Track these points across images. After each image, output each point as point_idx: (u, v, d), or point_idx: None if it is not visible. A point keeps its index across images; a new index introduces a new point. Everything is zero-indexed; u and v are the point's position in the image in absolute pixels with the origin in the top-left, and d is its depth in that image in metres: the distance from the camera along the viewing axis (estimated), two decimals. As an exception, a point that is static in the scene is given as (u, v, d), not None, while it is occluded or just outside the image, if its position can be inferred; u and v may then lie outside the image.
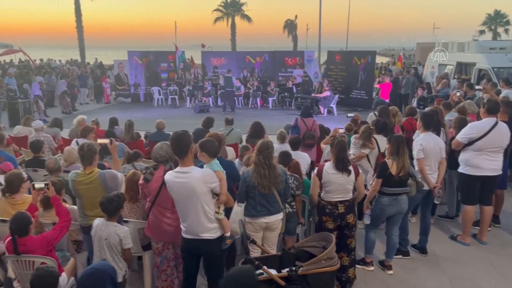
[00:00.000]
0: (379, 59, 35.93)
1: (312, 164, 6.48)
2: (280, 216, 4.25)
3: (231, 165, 4.67)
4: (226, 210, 3.83)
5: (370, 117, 7.36)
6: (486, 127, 5.30)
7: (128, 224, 4.25)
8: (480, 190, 5.50)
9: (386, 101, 12.42)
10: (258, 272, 3.22)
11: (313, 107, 15.34)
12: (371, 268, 5.01)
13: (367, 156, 5.71)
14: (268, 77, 19.24)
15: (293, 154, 5.15)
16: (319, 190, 4.56)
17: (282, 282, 3.28)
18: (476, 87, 9.89)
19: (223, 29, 44.08)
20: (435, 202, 5.37)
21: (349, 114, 8.10)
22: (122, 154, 6.38)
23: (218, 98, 17.87)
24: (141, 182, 4.06)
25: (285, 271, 3.42)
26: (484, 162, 5.34)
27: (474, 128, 5.40)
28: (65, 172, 5.12)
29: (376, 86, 16.18)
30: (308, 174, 5.94)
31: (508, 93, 8.78)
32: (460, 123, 5.78)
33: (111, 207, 3.85)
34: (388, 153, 4.80)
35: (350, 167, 4.43)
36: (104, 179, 4.14)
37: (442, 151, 5.23)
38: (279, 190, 4.17)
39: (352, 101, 17.29)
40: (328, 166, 4.44)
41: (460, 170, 5.57)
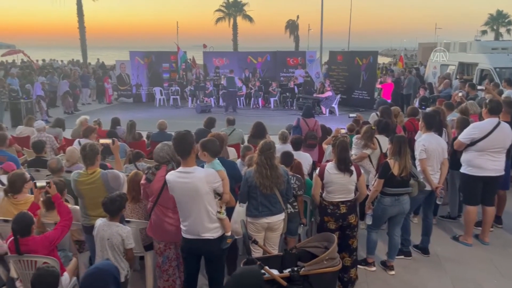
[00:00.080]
0: (381, 59, 35.91)
1: (314, 164, 6.48)
2: (282, 216, 4.25)
3: (233, 165, 4.67)
4: (227, 210, 3.84)
5: (372, 117, 7.35)
6: (488, 128, 5.29)
7: (130, 224, 4.26)
8: (482, 190, 5.48)
9: (388, 101, 12.41)
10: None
11: (314, 108, 15.32)
12: (373, 268, 5.00)
13: (369, 156, 5.70)
14: (269, 77, 19.23)
15: (295, 154, 5.15)
16: (321, 190, 4.56)
17: (284, 283, 3.28)
18: (478, 88, 9.86)
19: (225, 29, 44.17)
20: (437, 202, 5.36)
21: (351, 115, 8.10)
22: (124, 154, 6.39)
23: (220, 99, 17.88)
24: (143, 182, 4.07)
25: (287, 272, 3.42)
26: (486, 162, 5.33)
27: (476, 128, 5.39)
28: (67, 172, 5.13)
29: (378, 86, 16.16)
30: (310, 174, 5.94)
31: (510, 93, 8.75)
32: (462, 124, 5.77)
33: (114, 207, 3.86)
34: (390, 153, 4.79)
35: (352, 167, 4.43)
36: (106, 179, 4.14)
37: (444, 152, 5.22)
38: (281, 191, 4.16)
39: (354, 101, 17.28)
40: (330, 167, 4.44)
41: (462, 170, 5.56)
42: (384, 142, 5.63)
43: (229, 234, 3.81)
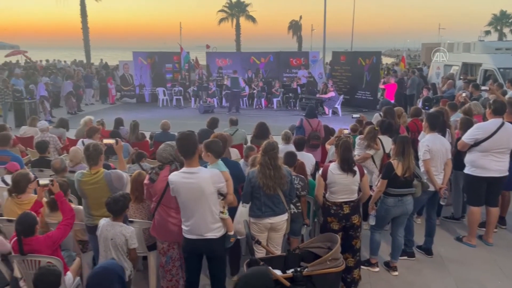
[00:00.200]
0: (384, 60, 35.84)
1: (317, 164, 6.48)
2: (285, 216, 4.25)
3: (236, 165, 4.68)
4: (229, 210, 3.85)
5: (375, 117, 7.34)
6: (492, 128, 5.27)
7: (133, 224, 4.26)
8: (486, 191, 5.47)
9: (391, 102, 12.38)
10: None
11: (317, 108, 15.30)
12: (376, 269, 5.00)
13: (372, 157, 5.70)
14: (272, 77, 19.23)
15: (298, 155, 5.15)
16: (324, 191, 4.55)
17: (287, 283, 3.28)
18: (482, 88, 9.82)
19: (228, 30, 44.28)
20: (441, 203, 5.35)
21: (354, 115, 8.08)
22: (127, 155, 6.41)
23: (223, 99, 17.89)
24: (146, 182, 4.07)
25: (290, 272, 3.42)
26: (490, 163, 5.32)
27: (480, 129, 5.37)
28: (70, 172, 5.15)
29: (381, 86, 16.13)
30: (313, 175, 5.94)
31: (514, 93, 8.72)
32: (465, 124, 5.76)
33: (117, 207, 3.87)
34: (393, 154, 4.79)
35: (355, 168, 4.42)
36: (109, 179, 4.15)
37: (448, 152, 5.21)
38: (284, 191, 4.16)
39: (357, 101, 17.26)
40: (333, 167, 4.43)
41: (466, 171, 5.54)
42: (387, 142, 5.62)
43: (232, 233, 3.82)
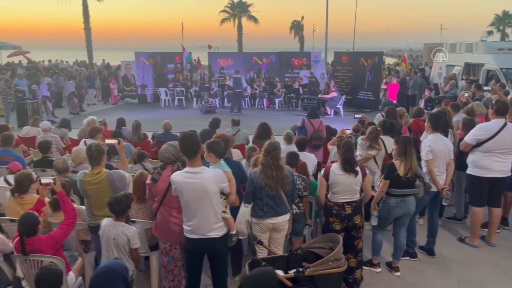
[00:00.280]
0: (386, 60, 35.80)
1: (319, 165, 6.47)
2: (287, 217, 4.25)
3: (238, 166, 4.68)
4: (231, 209, 3.85)
5: (377, 118, 7.33)
6: (494, 128, 5.26)
7: (135, 224, 4.27)
8: (488, 191, 5.46)
9: (393, 102, 12.37)
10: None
11: (319, 108, 15.31)
12: (378, 269, 4.99)
13: (374, 157, 5.69)
14: (274, 78, 19.24)
15: (300, 155, 5.14)
16: (326, 191, 4.55)
17: (289, 283, 3.27)
18: (484, 88, 9.81)
19: (230, 30, 44.28)
20: (443, 203, 5.33)
21: (356, 115, 8.07)
22: (129, 155, 6.42)
23: (225, 99, 17.90)
24: (148, 182, 4.07)
25: (292, 272, 3.41)
26: (492, 163, 5.30)
27: (482, 129, 5.36)
28: (73, 172, 5.16)
29: (383, 87, 16.12)
30: (314, 175, 5.93)
31: (516, 94, 8.71)
32: (468, 125, 5.74)
33: (119, 207, 3.87)
34: (395, 154, 4.78)
35: (357, 168, 4.42)
36: (112, 179, 4.16)
37: (450, 153, 5.20)
38: (286, 191, 4.16)
39: (359, 102, 17.24)
40: (335, 167, 4.43)
41: (468, 171, 5.53)
42: (389, 143, 5.61)
43: (234, 232, 3.82)
